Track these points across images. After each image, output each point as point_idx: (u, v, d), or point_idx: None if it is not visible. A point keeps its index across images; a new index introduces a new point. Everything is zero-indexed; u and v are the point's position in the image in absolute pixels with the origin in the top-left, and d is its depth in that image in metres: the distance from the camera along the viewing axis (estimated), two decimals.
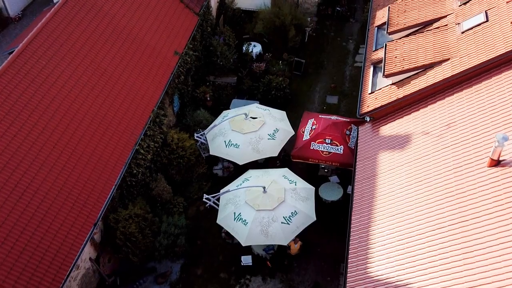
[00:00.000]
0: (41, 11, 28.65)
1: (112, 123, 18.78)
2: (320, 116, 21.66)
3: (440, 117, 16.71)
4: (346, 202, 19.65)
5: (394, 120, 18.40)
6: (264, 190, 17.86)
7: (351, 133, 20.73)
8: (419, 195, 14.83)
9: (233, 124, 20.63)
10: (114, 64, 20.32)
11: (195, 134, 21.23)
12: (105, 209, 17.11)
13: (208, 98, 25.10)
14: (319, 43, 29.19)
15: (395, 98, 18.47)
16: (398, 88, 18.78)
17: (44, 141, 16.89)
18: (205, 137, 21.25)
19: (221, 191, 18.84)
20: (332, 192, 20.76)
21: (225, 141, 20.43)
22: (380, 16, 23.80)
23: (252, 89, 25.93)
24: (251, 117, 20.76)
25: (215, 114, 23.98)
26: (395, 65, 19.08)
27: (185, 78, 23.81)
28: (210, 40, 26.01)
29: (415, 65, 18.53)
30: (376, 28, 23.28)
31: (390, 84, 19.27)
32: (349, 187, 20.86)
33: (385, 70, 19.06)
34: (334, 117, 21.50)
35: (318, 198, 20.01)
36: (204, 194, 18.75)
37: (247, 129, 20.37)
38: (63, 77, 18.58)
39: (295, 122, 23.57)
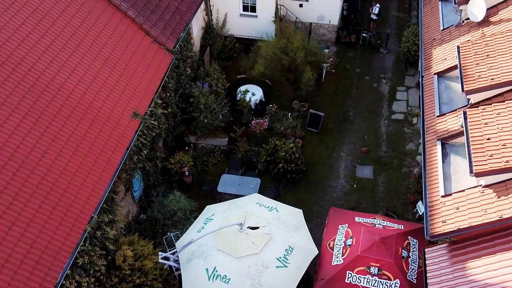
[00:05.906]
0: None
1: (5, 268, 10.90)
2: (357, 219, 13.91)
3: None
4: None
5: (494, 254, 10.70)
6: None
7: (410, 253, 13.02)
8: None
9: (220, 239, 12.87)
10: (29, 142, 12.48)
11: (159, 254, 13.31)
12: None
13: (187, 173, 17.39)
14: (341, 84, 21.38)
15: (496, 218, 10.77)
16: (497, 196, 11.11)
17: None
18: (177, 256, 13.49)
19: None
20: None
21: (207, 269, 12.66)
22: (441, 57, 16.06)
23: (249, 156, 18.28)
24: (248, 227, 13.02)
25: (196, 197, 16.70)
26: (491, 155, 11.39)
27: (151, 150, 15.99)
28: (190, 87, 18.24)
29: None
30: (436, 76, 15.55)
31: (482, 187, 11.59)
32: None
33: (474, 165, 11.36)
34: (378, 221, 13.75)
35: None
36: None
37: (242, 250, 12.63)
38: None
39: (312, 210, 16.50)
